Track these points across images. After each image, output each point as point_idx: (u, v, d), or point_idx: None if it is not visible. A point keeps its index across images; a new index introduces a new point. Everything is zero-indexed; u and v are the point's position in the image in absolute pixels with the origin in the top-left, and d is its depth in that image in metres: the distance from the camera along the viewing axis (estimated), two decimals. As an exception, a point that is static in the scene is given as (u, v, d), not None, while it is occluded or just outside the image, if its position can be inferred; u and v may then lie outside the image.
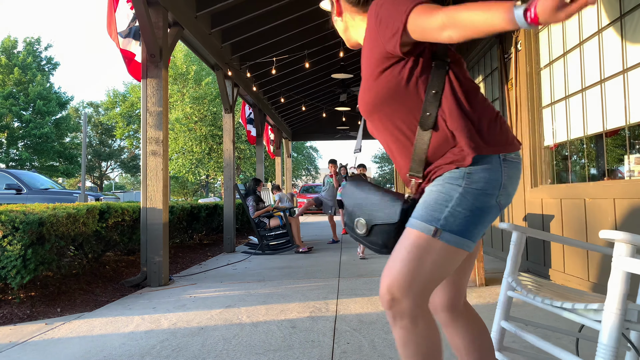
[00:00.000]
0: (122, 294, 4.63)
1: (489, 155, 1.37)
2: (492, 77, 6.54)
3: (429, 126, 1.39)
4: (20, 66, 31.20)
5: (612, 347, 1.35)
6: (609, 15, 3.76)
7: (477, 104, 1.42)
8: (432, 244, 1.32)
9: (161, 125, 5.02)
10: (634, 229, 3.31)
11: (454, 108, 1.38)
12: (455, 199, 1.33)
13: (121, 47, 5.14)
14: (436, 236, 1.32)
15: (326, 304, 3.85)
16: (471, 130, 1.37)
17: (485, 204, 1.35)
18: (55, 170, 32.54)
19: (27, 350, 2.89)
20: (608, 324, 1.37)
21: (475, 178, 1.35)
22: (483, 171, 1.35)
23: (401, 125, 1.44)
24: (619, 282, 1.37)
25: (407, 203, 1.43)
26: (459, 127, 1.37)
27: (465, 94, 1.41)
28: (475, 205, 1.34)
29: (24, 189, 9.98)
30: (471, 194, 1.34)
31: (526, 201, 5.15)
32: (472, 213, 1.33)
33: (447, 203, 1.33)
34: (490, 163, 1.37)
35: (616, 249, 1.40)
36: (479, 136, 1.38)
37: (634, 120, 3.46)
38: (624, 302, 1.37)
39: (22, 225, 3.71)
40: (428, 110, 1.38)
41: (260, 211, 7.69)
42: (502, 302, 1.99)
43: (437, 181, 1.39)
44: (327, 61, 10.73)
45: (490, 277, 4.70)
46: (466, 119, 1.38)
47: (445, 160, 1.38)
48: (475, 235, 1.35)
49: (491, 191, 1.35)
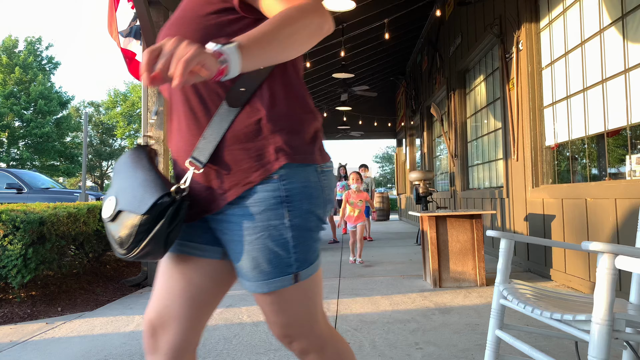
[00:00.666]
0: (122, 293, 4.62)
1: (307, 164, 1.13)
2: (493, 76, 6.54)
3: (239, 104, 1.07)
4: (22, 65, 31.22)
5: (601, 358, 1.35)
6: (611, 15, 3.75)
7: (308, 101, 1.19)
8: (297, 289, 1.14)
9: (162, 125, 5.01)
10: (635, 229, 3.30)
11: (281, 94, 1.12)
12: (291, 238, 1.10)
13: (122, 47, 5.14)
14: (298, 280, 1.14)
15: (327, 304, 3.85)
16: (293, 128, 1.12)
17: (315, 222, 1.16)
18: (56, 170, 32.57)
19: (27, 350, 2.89)
20: (595, 335, 1.36)
21: (296, 199, 1.10)
22: (302, 189, 1.11)
23: (203, 92, 1.10)
24: (604, 292, 1.37)
25: (169, 197, 1.04)
26: (280, 118, 1.10)
27: (299, 85, 1.17)
28: (308, 228, 1.14)
29: (25, 189, 9.99)
30: (300, 223, 1.11)
31: (527, 201, 5.14)
32: (311, 237, 1.15)
33: (287, 246, 1.10)
34: (307, 175, 1.13)
35: (601, 261, 1.39)
36: (300, 138, 1.13)
37: (635, 121, 3.45)
38: (611, 313, 1.36)
39: (22, 225, 3.71)
40: (245, 85, 1.08)
41: None
42: (495, 311, 1.98)
43: (253, 212, 1.08)
44: (328, 61, 10.73)
45: (491, 277, 4.70)
46: (291, 112, 1.13)
47: (247, 163, 1.08)
48: (318, 249, 1.20)
49: (316, 209, 1.15)
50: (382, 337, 2.92)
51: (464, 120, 7.99)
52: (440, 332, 2.98)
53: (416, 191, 7.67)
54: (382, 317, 3.39)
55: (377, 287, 4.44)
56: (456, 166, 8.14)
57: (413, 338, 2.88)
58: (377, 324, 3.21)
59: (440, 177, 10.36)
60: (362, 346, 2.74)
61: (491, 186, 6.72)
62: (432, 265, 4.38)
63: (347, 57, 10.73)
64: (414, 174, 7.65)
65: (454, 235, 4.43)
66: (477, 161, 7.45)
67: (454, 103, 8.15)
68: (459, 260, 4.41)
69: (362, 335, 2.96)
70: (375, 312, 3.54)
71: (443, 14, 8.89)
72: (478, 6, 6.72)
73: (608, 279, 1.36)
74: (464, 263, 4.41)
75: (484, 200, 6.66)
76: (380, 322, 3.25)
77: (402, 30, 10.63)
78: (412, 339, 2.87)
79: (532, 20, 5.06)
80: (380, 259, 6.39)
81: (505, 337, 1.88)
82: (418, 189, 7.64)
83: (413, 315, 3.41)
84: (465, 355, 2.56)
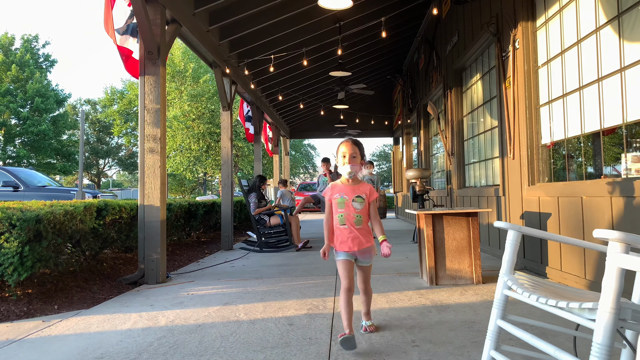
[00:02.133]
0: (119, 291, 4.62)
1: None
2: (489, 75, 6.55)
3: None
4: (18, 63, 31.11)
5: (606, 346, 1.36)
6: (607, 14, 3.76)
7: None
8: None
9: (159, 123, 5.02)
10: (630, 226, 3.32)
11: None
12: None
13: (118, 44, 5.13)
14: None
15: (324, 302, 3.85)
16: None
17: None
18: (53, 168, 32.47)
19: (24, 348, 2.89)
20: (602, 323, 1.37)
21: None
22: None
23: None
24: (613, 280, 1.37)
25: None
26: None
27: None
28: None
29: (21, 187, 9.96)
30: None
31: (523, 199, 5.16)
32: None
33: None
34: None
35: (610, 248, 1.40)
36: None
37: (631, 119, 3.47)
38: (618, 301, 1.37)
39: (19, 222, 3.70)
40: None
41: (262, 209, 7.68)
42: (498, 301, 1.99)
43: None
44: (325, 59, 10.72)
45: (487, 275, 4.71)
46: None
47: None
48: None
49: None
50: (378, 334, 2.93)
51: (461, 118, 8.01)
52: (436, 330, 2.99)
53: (413, 189, 7.68)
54: (379, 314, 3.40)
55: (374, 285, 4.45)
56: (453, 164, 8.15)
57: (410, 336, 2.89)
58: (373, 321, 3.22)
59: (437, 176, 10.37)
60: (359, 343, 2.75)
61: (487, 184, 6.74)
62: (428, 263, 4.39)
63: (344, 55, 10.72)
64: (410, 172, 7.66)
65: (451, 233, 4.44)
66: (474, 159, 7.46)
67: (451, 101, 8.16)
68: (455, 258, 4.43)
69: (359, 333, 2.96)
70: (372, 309, 3.54)
71: (440, 13, 8.89)
72: (475, 5, 6.73)
73: (617, 267, 1.36)
74: (460, 261, 4.42)
75: (480, 198, 6.68)
76: (376, 319, 3.26)
77: (399, 28, 10.64)
78: (409, 336, 2.88)
79: (529, 19, 5.07)
80: (377, 257, 6.39)
81: (507, 326, 1.90)
82: (415, 187, 7.65)
83: (409, 313, 3.42)
84: (461, 352, 2.57)
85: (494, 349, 2.01)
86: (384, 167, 54.28)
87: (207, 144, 28.18)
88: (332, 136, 17.84)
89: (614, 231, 1.37)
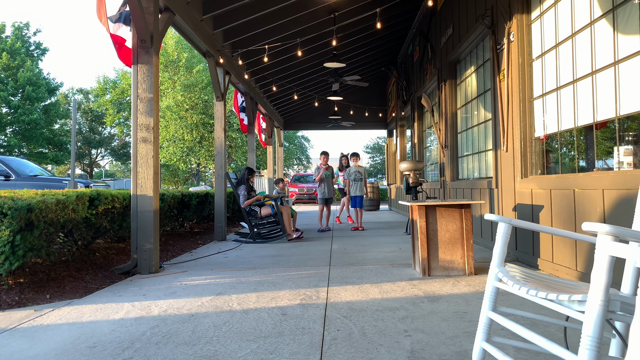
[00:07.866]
0: (112, 281, 4.61)
1: None
2: (484, 68, 6.55)
3: None
4: (9, 51, 30.73)
5: (596, 337, 1.37)
6: (602, 7, 3.77)
7: None
8: None
9: (152, 112, 4.98)
10: (622, 219, 3.35)
11: None
12: None
13: (111, 32, 5.08)
14: None
15: (317, 292, 3.87)
16: None
17: None
18: (45, 157, 32.22)
19: (15, 337, 2.88)
20: (591, 315, 1.38)
21: None
22: None
23: None
24: (602, 273, 1.38)
25: None
26: None
27: None
28: None
29: (13, 176, 9.87)
30: None
31: (516, 192, 5.19)
32: None
33: None
34: None
35: (599, 241, 1.41)
36: None
37: (624, 112, 3.48)
38: (607, 293, 1.38)
39: (10, 211, 3.67)
40: None
41: (250, 200, 7.68)
42: (489, 293, 2.01)
43: None
44: (319, 50, 10.68)
45: (479, 267, 4.74)
46: None
47: None
48: None
49: None
50: (371, 324, 2.95)
51: (455, 111, 8.01)
52: (428, 320, 3.02)
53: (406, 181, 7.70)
54: (372, 304, 3.42)
55: (367, 276, 4.47)
56: (446, 157, 8.17)
57: (402, 325, 2.91)
58: (366, 311, 3.24)
59: (430, 168, 10.40)
60: (352, 333, 2.77)
61: (480, 177, 6.77)
62: (421, 254, 4.41)
63: (338, 46, 10.68)
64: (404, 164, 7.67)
65: (443, 224, 4.46)
66: (467, 152, 7.48)
67: (445, 94, 8.16)
68: (448, 250, 4.45)
69: (352, 323, 2.98)
70: (365, 300, 3.57)
71: (435, 4, 8.87)
72: (470, -4, 6.71)
73: (606, 260, 1.38)
74: (452, 252, 4.45)
75: (473, 190, 6.70)
76: (369, 309, 3.28)
77: (393, 20, 10.60)
78: (401, 326, 2.89)
79: (524, 12, 5.07)
80: (371, 247, 6.42)
81: (498, 318, 1.91)
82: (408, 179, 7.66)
83: (402, 303, 3.44)
84: (453, 342, 2.59)
85: (485, 341, 2.03)
86: (377, 159, 54.31)
87: (201, 134, 28.06)
88: (326, 128, 17.81)
89: (603, 224, 1.38)
